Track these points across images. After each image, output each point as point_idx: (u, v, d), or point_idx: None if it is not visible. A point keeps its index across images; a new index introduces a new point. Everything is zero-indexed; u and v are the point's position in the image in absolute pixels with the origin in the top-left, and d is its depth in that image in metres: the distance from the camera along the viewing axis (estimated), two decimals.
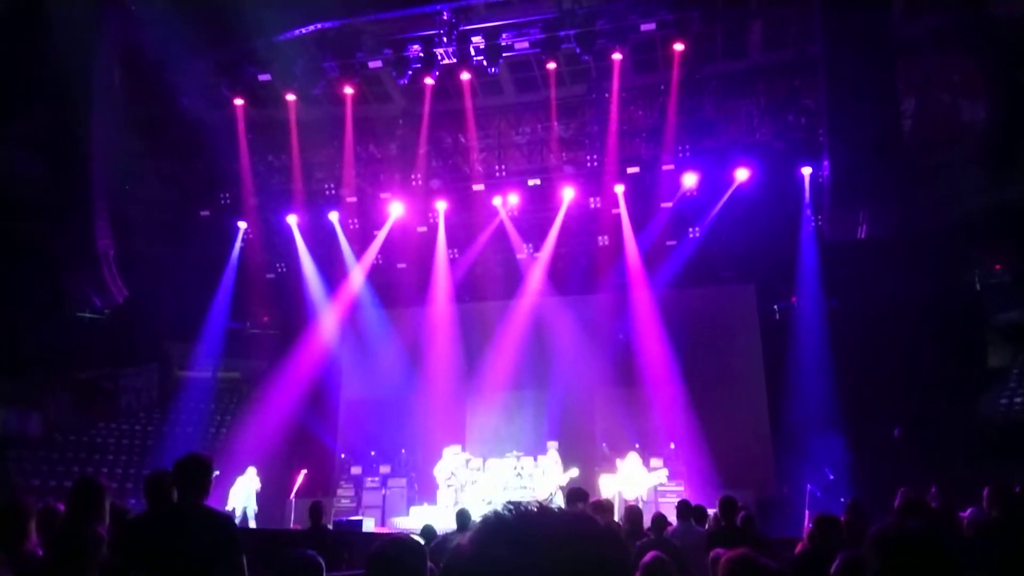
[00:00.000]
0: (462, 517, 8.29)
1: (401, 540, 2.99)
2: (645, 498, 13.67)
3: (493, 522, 1.03)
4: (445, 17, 13.83)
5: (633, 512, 7.33)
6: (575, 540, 0.99)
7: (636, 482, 13.57)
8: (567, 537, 0.99)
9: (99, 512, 4.30)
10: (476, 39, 14.21)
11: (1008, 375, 14.65)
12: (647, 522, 8.02)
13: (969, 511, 6.99)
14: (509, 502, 1.07)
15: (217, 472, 4.53)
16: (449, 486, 14.68)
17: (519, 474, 14.93)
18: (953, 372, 14.16)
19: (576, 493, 6.14)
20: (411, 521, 14.12)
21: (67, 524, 4.24)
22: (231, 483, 14.16)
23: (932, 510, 5.20)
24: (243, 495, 14.06)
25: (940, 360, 14.05)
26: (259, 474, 14.44)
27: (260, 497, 14.36)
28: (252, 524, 13.74)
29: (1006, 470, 10.35)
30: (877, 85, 11.74)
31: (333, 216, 17.15)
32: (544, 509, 1.04)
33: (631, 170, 15.90)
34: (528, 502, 1.05)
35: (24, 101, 13.38)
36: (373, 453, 16.36)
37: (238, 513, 13.79)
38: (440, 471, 14.83)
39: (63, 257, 13.72)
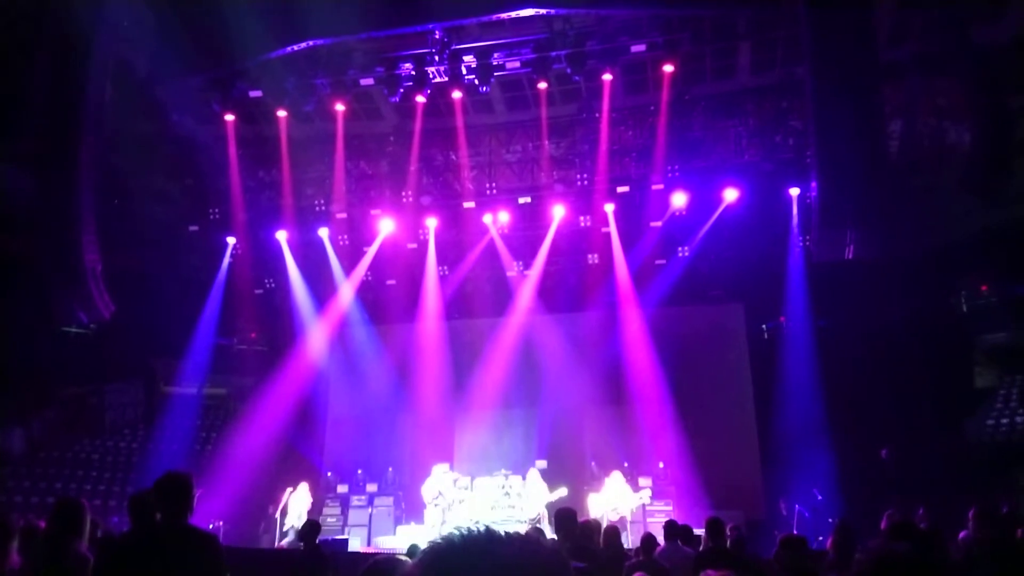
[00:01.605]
0: None
1: (388, 561, 2.97)
2: (630, 517, 13.63)
3: (441, 549, 1.03)
4: (437, 36, 13.91)
5: (610, 533, 7.30)
6: (519, 568, 0.99)
7: (621, 501, 13.54)
8: (511, 565, 0.99)
9: (80, 531, 4.28)
10: (468, 58, 14.30)
11: (995, 396, 14.74)
12: (636, 542, 7.99)
13: (963, 533, 6.99)
14: (457, 528, 1.07)
15: (200, 490, 4.48)
16: (436, 505, 14.56)
17: (507, 493, 14.83)
18: (940, 393, 14.22)
19: (564, 519, 6.08)
20: (397, 540, 14.00)
21: (48, 544, 4.21)
22: (275, 501, 14.30)
23: (920, 532, 5.20)
24: (297, 511, 14.09)
25: (927, 381, 14.11)
26: (245, 492, 14.36)
27: (247, 514, 14.28)
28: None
29: (993, 491, 10.40)
30: (864, 108, 11.86)
31: (323, 232, 17.13)
32: (492, 535, 1.04)
33: (621, 189, 15.99)
34: (475, 528, 1.05)
35: (14, 117, 13.34)
36: (360, 471, 16.24)
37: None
38: (428, 490, 14.72)
39: (50, 272, 13.61)
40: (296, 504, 14.23)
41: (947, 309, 15.24)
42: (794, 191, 15.12)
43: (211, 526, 13.12)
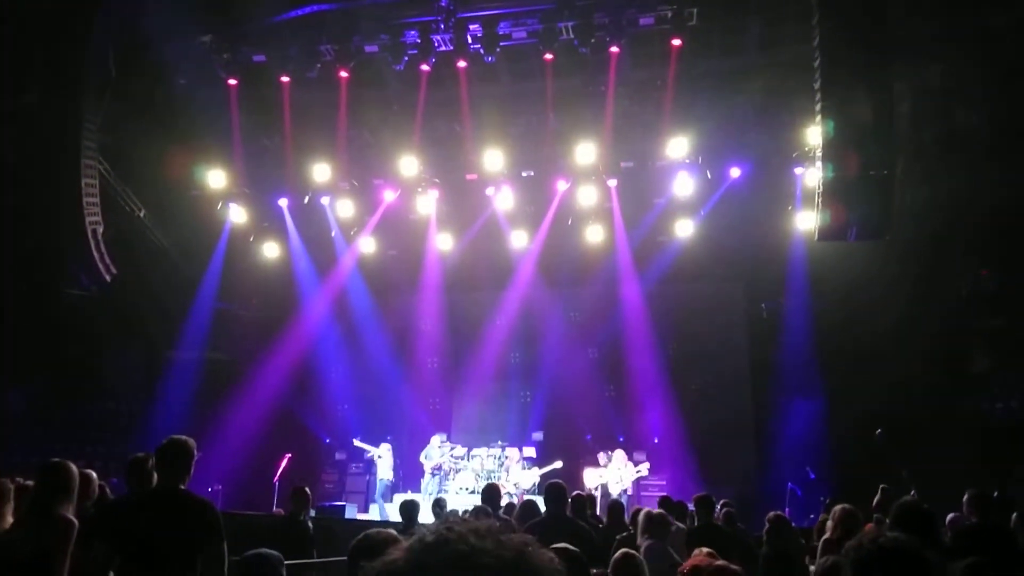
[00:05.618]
0: (438, 506, 8.53)
1: (380, 535, 3.00)
2: (630, 491, 13.77)
3: (432, 544, 1.02)
4: (443, 4, 13.72)
5: (613, 508, 7.43)
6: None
7: (622, 477, 13.68)
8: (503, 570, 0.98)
9: (68, 494, 4.21)
10: (474, 27, 14.11)
11: (990, 381, 14.77)
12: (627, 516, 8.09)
13: (951, 516, 7.06)
14: (454, 524, 1.05)
15: (198, 455, 4.49)
16: (433, 475, 14.71)
17: (503, 464, 14.96)
18: (936, 377, 14.26)
19: (554, 492, 6.16)
20: (393, 508, 14.15)
21: (33, 508, 4.15)
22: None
23: (923, 516, 5.23)
24: (388, 466, 15.04)
25: (924, 365, 14.15)
26: (243, 457, 14.53)
27: (250, 479, 14.62)
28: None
29: (986, 475, 10.46)
30: (873, 88, 11.72)
31: (325, 200, 17.06)
32: (489, 535, 1.02)
33: (625, 164, 15.88)
34: (472, 525, 1.04)
35: (14, 76, 13.22)
36: (358, 439, 16.37)
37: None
38: (425, 459, 14.86)
39: (51, 234, 13.58)
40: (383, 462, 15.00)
41: (947, 292, 15.20)
42: (799, 170, 15.03)
43: (209, 490, 13.25)
